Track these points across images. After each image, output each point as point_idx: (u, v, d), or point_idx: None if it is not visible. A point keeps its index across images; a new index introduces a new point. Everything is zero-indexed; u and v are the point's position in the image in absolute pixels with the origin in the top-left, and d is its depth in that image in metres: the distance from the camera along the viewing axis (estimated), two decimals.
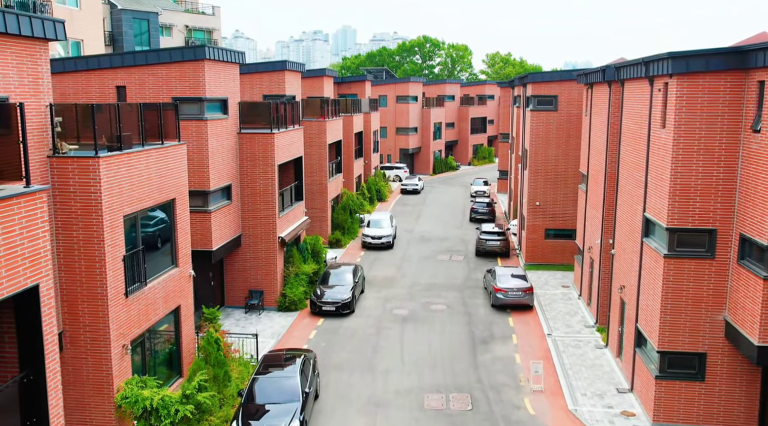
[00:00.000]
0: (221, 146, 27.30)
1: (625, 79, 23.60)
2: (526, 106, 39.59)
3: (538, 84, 36.90)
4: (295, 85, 39.39)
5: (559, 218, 37.64)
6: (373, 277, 35.73)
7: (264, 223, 29.65)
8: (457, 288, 34.03)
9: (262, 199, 29.50)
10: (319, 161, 41.70)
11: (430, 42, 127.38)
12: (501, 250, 39.93)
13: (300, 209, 34.00)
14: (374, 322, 28.99)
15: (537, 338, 27.04)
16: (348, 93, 63.92)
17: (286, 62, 37.46)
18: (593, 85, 30.00)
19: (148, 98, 25.71)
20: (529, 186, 37.80)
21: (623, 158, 24.09)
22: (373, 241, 41.99)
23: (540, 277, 35.63)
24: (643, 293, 20.84)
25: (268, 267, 29.92)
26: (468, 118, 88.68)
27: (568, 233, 37.63)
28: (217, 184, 26.94)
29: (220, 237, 27.42)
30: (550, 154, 37.24)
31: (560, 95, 36.63)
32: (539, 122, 37.08)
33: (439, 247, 42.92)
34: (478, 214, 50.89)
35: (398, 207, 57.74)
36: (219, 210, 27.23)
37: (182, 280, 21.78)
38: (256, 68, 37.76)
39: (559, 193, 37.43)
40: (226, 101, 27.69)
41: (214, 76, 26.35)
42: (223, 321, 28.51)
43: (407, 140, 76.81)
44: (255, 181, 29.42)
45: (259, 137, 29.14)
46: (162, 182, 20.01)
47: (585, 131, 32.12)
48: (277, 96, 37.37)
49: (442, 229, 48.47)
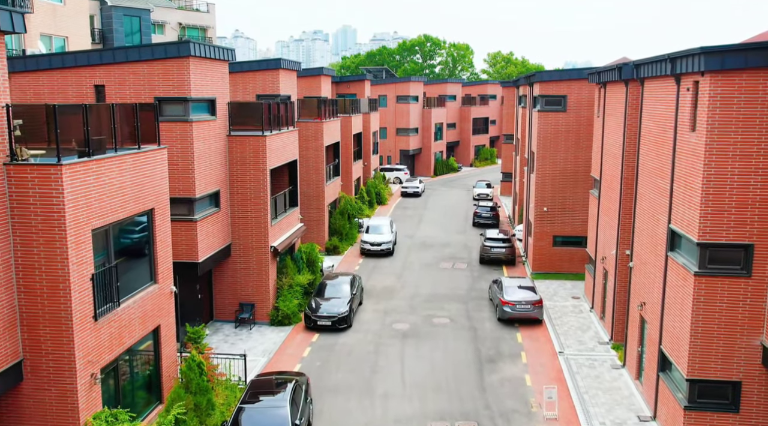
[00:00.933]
0: (208, 150, 25.41)
1: (645, 77, 21.71)
2: (532, 107, 37.69)
3: (545, 83, 35.01)
4: (290, 84, 37.52)
5: (568, 225, 35.74)
6: (372, 287, 33.84)
7: (255, 232, 27.75)
8: (460, 299, 32.13)
9: (253, 206, 27.60)
10: (316, 164, 39.81)
11: (431, 41, 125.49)
12: (506, 257, 38.04)
13: (294, 216, 32.10)
14: (373, 337, 27.09)
15: (548, 357, 25.14)
16: (347, 93, 62.06)
17: (280, 60, 35.58)
18: (607, 85, 28.10)
19: (130, 98, 23.83)
20: (537, 190, 35.90)
21: (643, 163, 22.19)
22: (372, 247, 40.10)
23: (548, 287, 33.73)
24: (668, 313, 18.94)
25: (259, 278, 28.02)
26: (470, 119, 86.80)
27: (577, 240, 35.72)
28: (203, 191, 25.05)
29: (208, 247, 25.52)
30: (559, 157, 35.34)
31: (569, 95, 34.73)
32: (547, 123, 35.19)
33: (441, 254, 41.03)
34: (482, 219, 49.01)
35: (398, 211, 55.85)
36: (206, 218, 25.33)
37: (162, 298, 19.89)
38: (249, 67, 35.88)
39: (568, 198, 35.53)
40: (213, 101, 25.80)
41: (200, 74, 24.46)
42: (212, 337, 26.63)
43: (407, 141, 74.93)
44: (245, 187, 27.53)
45: (249, 140, 27.24)
46: (138, 191, 18.13)
47: (597, 133, 30.23)
48: (271, 96, 35.50)
49: (444, 235, 46.58)
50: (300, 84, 46.57)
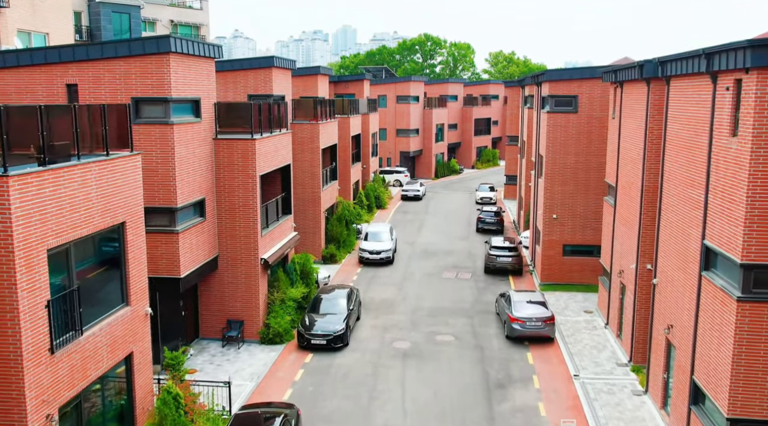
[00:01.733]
0: (192, 154, 23.32)
1: (672, 75, 19.62)
2: (540, 108, 35.61)
3: (555, 82, 32.91)
4: (284, 84, 35.44)
5: (578, 233, 33.65)
6: (370, 300, 31.75)
7: (244, 243, 25.66)
8: (465, 313, 30.04)
9: (241, 215, 25.51)
10: (312, 168, 37.72)
11: (432, 40, 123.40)
12: (513, 267, 35.95)
13: (288, 224, 30.01)
14: (371, 358, 25.00)
15: (562, 381, 23.04)
16: (345, 93, 59.99)
17: (273, 58, 33.49)
18: (624, 84, 26.02)
19: (105, 98, 21.75)
20: (545, 196, 33.81)
21: (669, 170, 20.09)
22: (371, 256, 38.00)
23: (558, 299, 31.64)
24: (702, 340, 16.85)
25: (248, 293, 25.93)
26: (471, 119, 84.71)
27: (589, 250, 33.64)
28: (186, 200, 22.96)
29: (191, 261, 23.43)
30: (569, 161, 33.24)
31: (580, 95, 32.64)
32: (556, 125, 33.09)
33: (443, 263, 38.94)
34: (486, 225, 46.91)
35: (398, 215, 53.76)
36: (189, 229, 23.24)
37: (135, 321, 17.81)
38: (240, 65, 33.80)
39: (579, 204, 33.45)
40: (198, 102, 23.72)
41: (182, 72, 22.37)
42: (196, 357, 24.55)
43: (408, 142, 72.84)
44: (234, 195, 25.44)
45: (238, 143, 25.15)
46: (106, 203, 16.06)
47: (612, 136, 28.14)
48: (264, 96, 33.44)
49: (446, 241, 44.48)
50: (295, 84, 44.49)
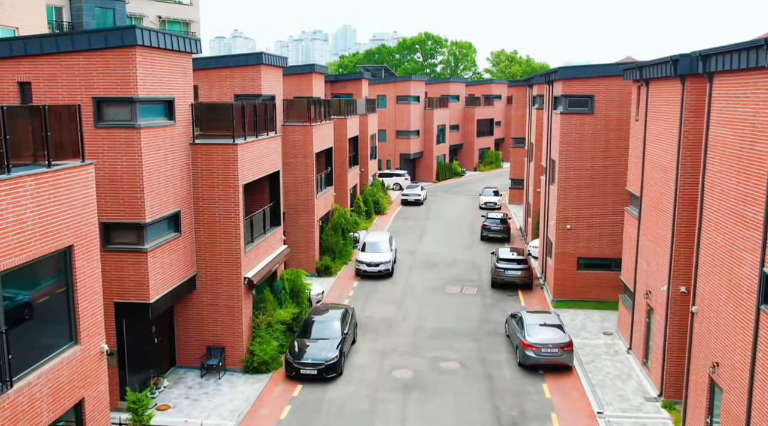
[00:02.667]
0: (164, 162, 20.55)
1: (716, 71, 16.86)
2: (553, 108, 32.84)
3: (569, 81, 30.14)
4: (274, 83, 32.69)
5: (594, 245, 30.88)
6: (368, 319, 28.98)
7: (225, 261, 22.89)
8: (472, 335, 27.28)
9: (222, 229, 22.74)
10: (305, 174, 34.96)
11: (432, 39, 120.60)
12: (522, 281, 33.18)
13: (276, 237, 27.23)
14: (368, 390, 22.24)
15: (584, 418, 20.28)
16: (342, 92, 57.23)
17: (262, 55, 30.73)
18: (650, 82, 23.27)
19: (62, 98, 18.99)
20: (559, 205, 31.03)
21: (712, 181, 17.32)
22: (368, 268, 35.23)
23: (573, 318, 28.88)
24: (761, 386, 14.08)
25: (230, 317, 23.16)
26: (474, 120, 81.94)
27: (606, 263, 30.89)
28: (157, 213, 20.18)
29: (163, 282, 20.66)
30: (585, 167, 30.46)
31: (597, 95, 29.87)
32: (571, 128, 30.32)
33: (447, 275, 36.18)
34: (491, 232, 44.13)
35: (398, 221, 50.98)
36: (161, 247, 20.47)
37: (87, 362, 15.05)
38: (225, 62, 31.04)
39: (596, 214, 30.68)
40: (171, 103, 20.95)
41: (151, 68, 19.60)
42: (171, 390, 21.78)
43: (408, 144, 70.07)
44: (213, 206, 22.66)
45: (218, 149, 22.39)
46: (47, 225, 13.31)
47: (636, 140, 25.39)
48: (252, 96, 30.70)
49: (449, 251, 41.71)
50: (289, 83, 41.73)
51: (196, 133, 22.82)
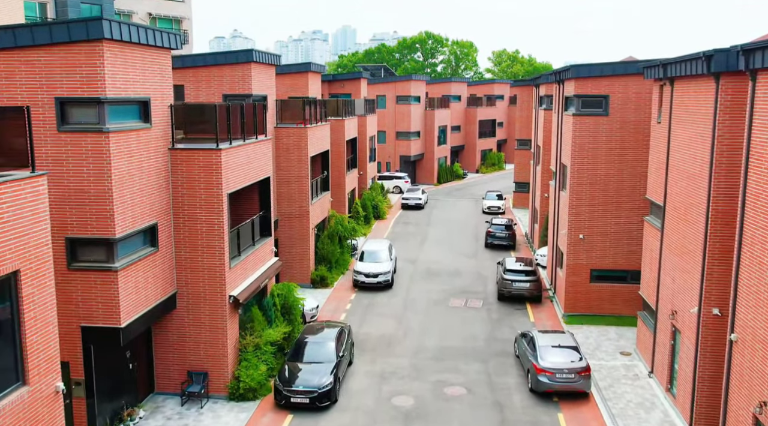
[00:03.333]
0: (138, 169, 18.47)
1: (760, 68, 14.76)
2: (564, 109, 30.75)
3: (582, 80, 28.04)
4: (266, 82, 30.64)
5: (609, 256, 28.78)
6: (365, 337, 26.91)
7: (208, 278, 20.80)
8: (478, 355, 25.20)
9: (205, 243, 20.64)
10: (299, 179, 32.88)
11: (433, 38, 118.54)
12: (531, 294, 31.09)
13: (266, 249, 25.14)
14: (365, 420, 20.14)
15: None
16: (341, 92, 55.18)
17: (252, 52, 28.68)
18: (676, 81, 21.19)
19: (22, 100, 16.92)
20: (571, 213, 28.93)
21: (756, 193, 15.22)
22: (367, 280, 33.13)
23: (588, 336, 26.80)
24: None
25: (214, 339, 21.07)
26: (476, 121, 79.83)
27: (621, 275, 28.81)
28: (130, 227, 18.09)
29: (137, 303, 18.56)
30: (599, 172, 28.37)
31: (612, 95, 27.78)
32: (584, 130, 28.23)
33: (450, 286, 34.09)
34: (496, 239, 42.05)
35: (398, 227, 48.89)
36: (135, 264, 18.37)
37: (39, 405, 12.97)
38: (213, 60, 28.99)
39: (610, 222, 28.58)
40: (146, 103, 18.86)
41: (122, 65, 17.53)
42: (148, 420, 19.69)
43: (408, 146, 67.97)
44: (195, 218, 20.57)
45: (199, 155, 20.29)
46: None
47: (658, 144, 23.31)
48: (242, 96, 28.67)
49: (452, 259, 39.63)
50: (283, 82, 39.71)
51: (178, 137, 20.77)
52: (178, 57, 29.64)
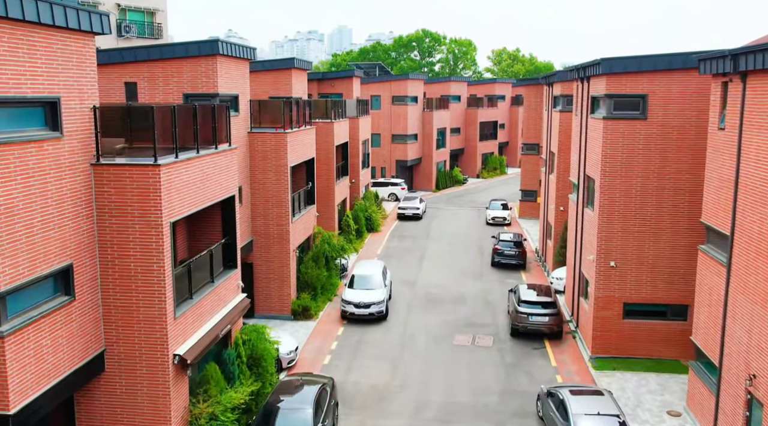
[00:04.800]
0: (40, 195, 13.63)
1: None
2: (590, 111, 25.99)
3: (617, 77, 23.29)
4: (237, 79, 25.89)
5: (647, 287, 24.05)
6: (354, 388, 22.13)
7: (145, 333, 15.97)
8: (492, 416, 20.42)
9: (140, 288, 15.83)
10: (277, 193, 28.09)
11: (430, 36, 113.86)
12: (550, 329, 26.35)
13: (229, 286, 20.31)
14: None
15: None
16: (331, 92, 50.39)
17: (218, 43, 23.89)
18: (749, 76, 16.47)
19: None
20: (600, 235, 24.18)
21: None
22: (357, 310, 28.34)
23: (623, 387, 22.06)
24: None
25: (154, 410, 16.22)
26: (476, 123, 75.12)
27: (661, 310, 24.11)
28: (25, 274, 13.25)
29: (41, 375, 13.72)
30: (634, 188, 23.64)
31: (652, 94, 23.05)
32: (616, 137, 23.50)
33: (454, 317, 29.33)
34: (504, 258, 37.30)
35: (394, 241, 44.09)
36: (36, 323, 13.54)
37: None
38: (170, 52, 24.22)
39: (648, 248, 23.84)
40: (54, 105, 14.05)
41: (11, 55, 12.71)
42: None
43: (405, 150, 63.19)
44: (127, 255, 15.75)
45: (132, 172, 15.47)
46: None
47: (720, 156, 18.55)
48: (206, 95, 23.91)
49: (455, 281, 34.87)
50: (263, 80, 34.98)
51: (117, 147, 15.99)
52: (130, 49, 24.87)
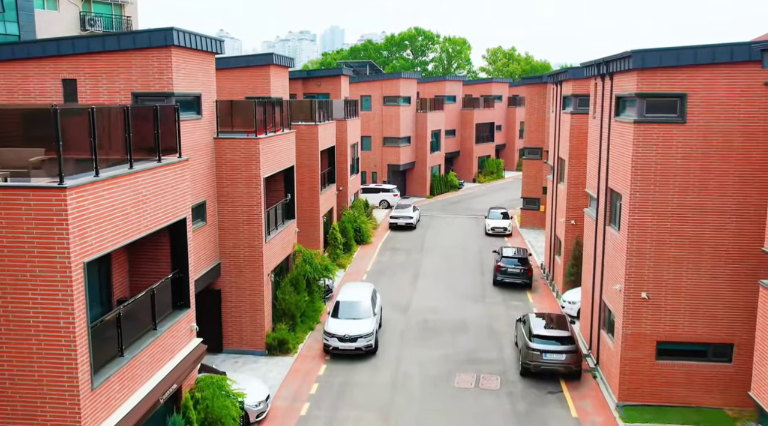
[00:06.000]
0: None
1: None
2: (614, 114, 22.12)
3: (651, 72, 19.43)
4: (199, 76, 21.97)
5: (684, 322, 20.22)
6: None
7: (50, 412, 12.00)
8: None
9: (43, 350, 11.86)
10: (249, 208, 24.13)
11: (423, 35, 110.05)
12: (567, 369, 22.49)
13: (178, 332, 16.32)
14: None
15: None
16: (318, 92, 46.40)
17: (172, 32, 19.92)
18: None
19: None
20: (629, 262, 20.32)
21: None
22: (342, 345, 24.39)
23: None
24: None
25: None
26: (472, 124, 71.21)
27: (700, 350, 20.30)
28: None
29: None
30: (671, 207, 19.80)
31: (692, 93, 19.23)
32: (650, 144, 19.65)
33: (454, 350, 25.45)
34: (508, 277, 33.42)
35: (385, 255, 40.16)
36: None
37: None
38: (117, 44, 20.26)
39: (688, 276, 20.01)
40: None
41: None
42: None
43: (397, 153, 59.26)
44: (21, 307, 11.78)
45: (26, 198, 11.50)
46: None
47: None
48: (158, 95, 19.98)
49: (453, 304, 30.99)
50: (237, 79, 31.15)
51: (23, 163, 12.07)
52: (67, 39, 20.89)
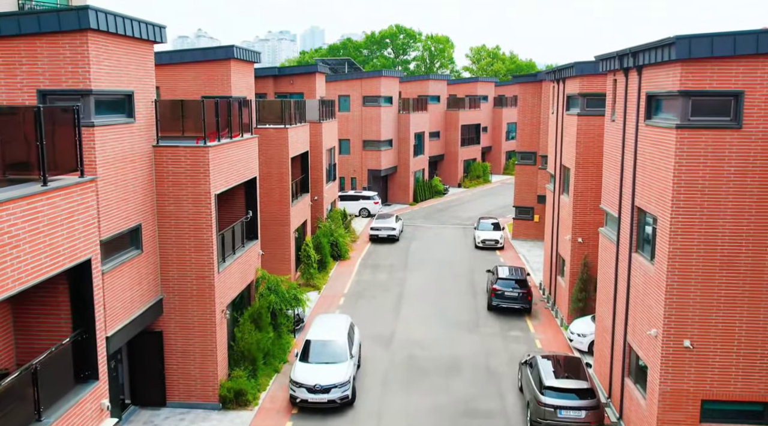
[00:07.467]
0: None
1: None
2: (644, 117, 18.06)
3: (694, 66, 15.39)
4: (132, 70, 17.64)
5: (737, 377, 16.21)
6: None
7: None
8: None
9: None
10: (196, 232, 19.76)
11: (405, 32, 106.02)
12: None
13: (82, 414, 11.94)
14: None
15: None
16: (291, 92, 42.13)
17: (87, 12, 15.56)
18: None
19: None
20: (668, 301, 16.25)
21: None
22: (312, 396, 20.08)
23: None
24: None
25: None
26: (458, 126, 67.26)
27: (755, 411, 16.30)
28: None
29: None
30: (722, 233, 15.78)
31: (750, 91, 15.24)
32: (695, 155, 15.62)
33: (446, 398, 21.26)
34: (505, 301, 29.35)
35: (365, 273, 35.91)
36: None
37: None
38: (17, 28, 15.84)
39: (741, 318, 16.00)
40: None
41: None
42: None
43: (378, 158, 55.04)
44: None
45: None
46: None
47: None
48: (72, 92, 15.68)
49: (443, 335, 26.87)
50: (193, 75, 26.86)
51: None
52: None
